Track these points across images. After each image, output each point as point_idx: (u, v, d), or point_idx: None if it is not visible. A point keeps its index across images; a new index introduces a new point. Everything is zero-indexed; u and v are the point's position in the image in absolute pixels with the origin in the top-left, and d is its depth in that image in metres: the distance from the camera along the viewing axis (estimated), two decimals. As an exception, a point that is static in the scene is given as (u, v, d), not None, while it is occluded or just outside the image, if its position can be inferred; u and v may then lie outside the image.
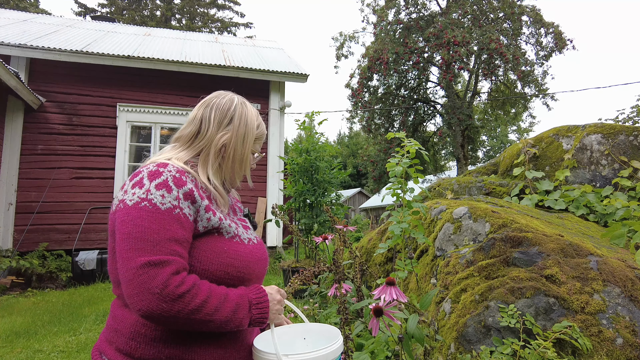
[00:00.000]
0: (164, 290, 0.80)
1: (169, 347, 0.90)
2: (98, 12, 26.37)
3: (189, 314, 0.83)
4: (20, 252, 6.68)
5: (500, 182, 3.83)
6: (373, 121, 17.05)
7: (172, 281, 0.82)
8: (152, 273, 0.81)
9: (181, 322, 0.83)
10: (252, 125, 1.12)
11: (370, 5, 17.96)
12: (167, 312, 0.81)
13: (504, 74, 17.08)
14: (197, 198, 0.95)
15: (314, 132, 5.35)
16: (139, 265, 0.81)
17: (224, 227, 0.99)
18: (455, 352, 1.91)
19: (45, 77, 7.29)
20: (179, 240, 0.88)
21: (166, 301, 0.80)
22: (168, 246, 0.85)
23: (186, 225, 0.91)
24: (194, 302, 0.83)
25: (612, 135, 3.46)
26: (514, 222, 2.28)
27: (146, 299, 0.80)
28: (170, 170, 0.94)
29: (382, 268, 3.11)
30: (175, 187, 0.92)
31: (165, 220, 0.87)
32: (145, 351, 0.90)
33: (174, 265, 0.84)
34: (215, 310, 0.86)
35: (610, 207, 3.07)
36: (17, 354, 3.45)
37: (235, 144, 1.08)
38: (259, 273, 1.06)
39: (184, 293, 0.82)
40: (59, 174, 7.13)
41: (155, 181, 0.91)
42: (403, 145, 1.97)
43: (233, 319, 0.89)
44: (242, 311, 0.91)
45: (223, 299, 0.89)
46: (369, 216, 24.52)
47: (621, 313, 1.77)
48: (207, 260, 0.94)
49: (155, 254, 0.83)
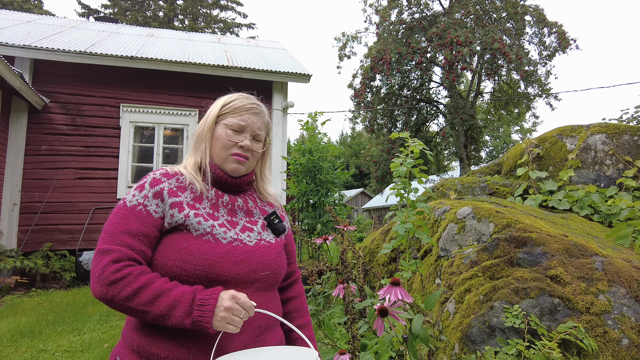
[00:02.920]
0: (102, 275, 0.88)
1: (140, 336, 0.96)
2: (101, 13, 26.47)
3: (122, 300, 0.88)
4: (25, 252, 6.71)
5: (503, 182, 3.82)
6: (376, 121, 17.02)
7: (109, 267, 0.89)
8: (98, 259, 0.91)
9: (119, 307, 0.89)
10: (219, 103, 1.13)
11: (373, 5, 17.94)
12: (104, 295, 0.88)
13: (507, 73, 17.03)
14: (165, 196, 1.00)
15: (316, 133, 5.35)
16: (95, 253, 0.93)
17: (190, 224, 0.98)
18: (459, 352, 1.90)
19: (49, 77, 7.33)
20: (132, 233, 0.95)
21: (102, 285, 0.88)
22: (119, 237, 0.94)
23: (146, 221, 0.97)
24: (126, 290, 0.87)
25: (617, 135, 3.44)
26: (518, 222, 2.27)
27: (92, 281, 0.90)
28: (156, 174, 1.05)
29: (386, 268, 3.11)
30: (149, 186, 1.01)
31: (125, 215, 0.97)
32: (128, 337, 0.99)
33: (116, 254, 0.91)
34: (148, 301, 0.88)
35: (614, 207, 3.06)
36: (22, 354, 3.47)
37: (200, 124, 1.13)
38: (239, 277, 0.99)
39: (117, 280, 0.88)
40: (62, 175, 7.16)
41: (139, 184, 1.03)
42: (407, 145, 1.96)
43: (170, 315, 0.88)
44: (181, 309, 0.88)
45: (160, 292, 0.89)
46: (372, 216, 24.51)
47: (627, 314, 1.76)
48: (166, 255, 0.97)
49: (106, 244, 0.93)
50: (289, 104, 8.64)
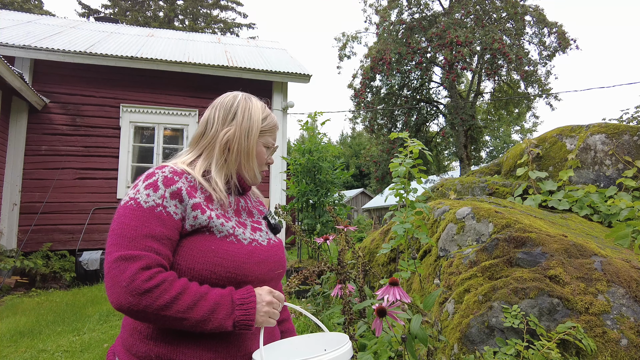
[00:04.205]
0: (131, 284, 0.81)
1: (159, 345, 0.91)
2: (101, 13, 26.48)
3: (158, 309, 0.82)
4: (24, 252, 6.72)
5: (503, 183, 3.82)
6: (376, 121, 17.03)
7: (139, 275, 0.82)
8: (122, 267, 0.83)
9: (152, 317, 0.83)
10: (257, 117, 1.10)
11: (373, 5, 17.95)
12: (135, 305, 0.81)
13: (507, 74, 17.03)
14: (185, 197, 0.95)
15: (316, 133, 5.34)
16: (113, 259, 0.84)
17: (214, 225, 0.96)
18: (458, 352, 1.90)
19: (49, 78, 7.33)
20: (156, 237, 0.88)
21: (133, 295, 0.81)
22: (143, 242, 0.86)
23: (168, 223, 0.91)
24: (163, 298, 0.83)
25: (616, 135, 3.44)
26: (518, 223, 2.27)
27: (116, 292, 0.82)
28: (164, 171, 0.96)
29: (385, 268, 3.11)
30: (163, 186, 0.93)
31: (145, 217, 0.89)
32: (139, 348, 0.91)
33: (145, 260, 0.84)
34: (188, 308, 0.84)
35: (614, 207, 3.06)
36: (22, 354, 3.47)
37: (239, 137, 1.07)
38: (262, 276, 1.01)
39: (152, 288, 0.82)
40: (62, 175, 7.16)
41: (147, 182, 0.94)
42: (406, 146, 1.96)
43: (211, 318, 0.86)
44: (222, 311, 0.88)
45: (199, 297, 0.87)
46: (372, 216, 24.50)
47: (626, 314, 1.76)
48: (192, 258, 0.93)
49: (128, 249, 0.85)
50: (289, 104, 8.64)
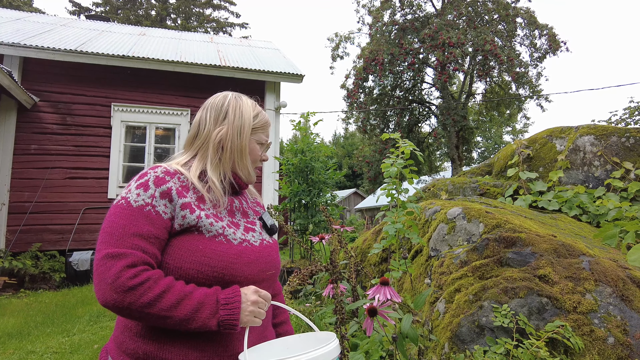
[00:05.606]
0: (116, 282, 0.82)
1: (147, 343, 0.91)
2: (92, 11, 26.21)
3: (141, 307, 0.83)
4: (13, 252, 6.62)
5: (494, 183, 3.86)
6: (368, 122, 17.07)
7: (124, 273, 0.83)
8: (109, 264, 0.84)
9: (136, 314, 0.85)
10: (248, 115, 1.12)
11: (366, 6, 18.00)
12: (119, 302, 0.82)
13: (499, 75, 17.17)
14: (175, 196, 0.96)
15: (309, 133, 5.35)
16: (101, 257, 0.85)
17: (202, 225, 0.96)
18: (449, 351, 1.92)
19: (39, 76, 7.24)
20: (143, 235, 0.90)
21: (117, 292, 0.82)
22: (130, 240, 0.88)
23: (157, 222, 0.92)
24: (147, 296, 0.83)
25: (605, 137, 3.49)
26: (508, 223, 2.30)
27: (102, 288, 0.83)
28: (157, 171, 0.98)
29: (377, 268, 3.12)
30: (154, 185, 0.95)
31: (133, 216, 0.91)
32: (129, 345, 0.93)
33: (130, 258, 0.86)
34: (171, 306, 0.85)
35: (602, 207, 3.10)
36: (10, 355, 3.42)
37: (232, 136, 1.09)
38: (252, 276, 1.01)
39: (136, 285, 0.83)
40: (52, 174, 7.08)
41: (139, 181, 0.96)
42: (398, 146, 1.98)
43: (195, 318, 0.87)
44: (206, 311, 0.88)
45: (183, 296, 0.87)
46: (365, 217, 24.54)
47: (613, 312, 1.79)
48: (180, 257, 0.93)
49: (115, 247, 0.86)
50: (281, 104, 8.63)
